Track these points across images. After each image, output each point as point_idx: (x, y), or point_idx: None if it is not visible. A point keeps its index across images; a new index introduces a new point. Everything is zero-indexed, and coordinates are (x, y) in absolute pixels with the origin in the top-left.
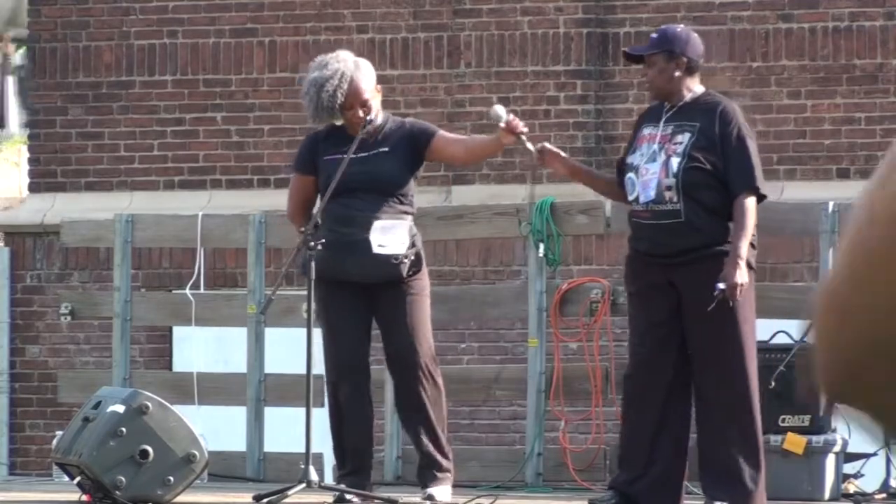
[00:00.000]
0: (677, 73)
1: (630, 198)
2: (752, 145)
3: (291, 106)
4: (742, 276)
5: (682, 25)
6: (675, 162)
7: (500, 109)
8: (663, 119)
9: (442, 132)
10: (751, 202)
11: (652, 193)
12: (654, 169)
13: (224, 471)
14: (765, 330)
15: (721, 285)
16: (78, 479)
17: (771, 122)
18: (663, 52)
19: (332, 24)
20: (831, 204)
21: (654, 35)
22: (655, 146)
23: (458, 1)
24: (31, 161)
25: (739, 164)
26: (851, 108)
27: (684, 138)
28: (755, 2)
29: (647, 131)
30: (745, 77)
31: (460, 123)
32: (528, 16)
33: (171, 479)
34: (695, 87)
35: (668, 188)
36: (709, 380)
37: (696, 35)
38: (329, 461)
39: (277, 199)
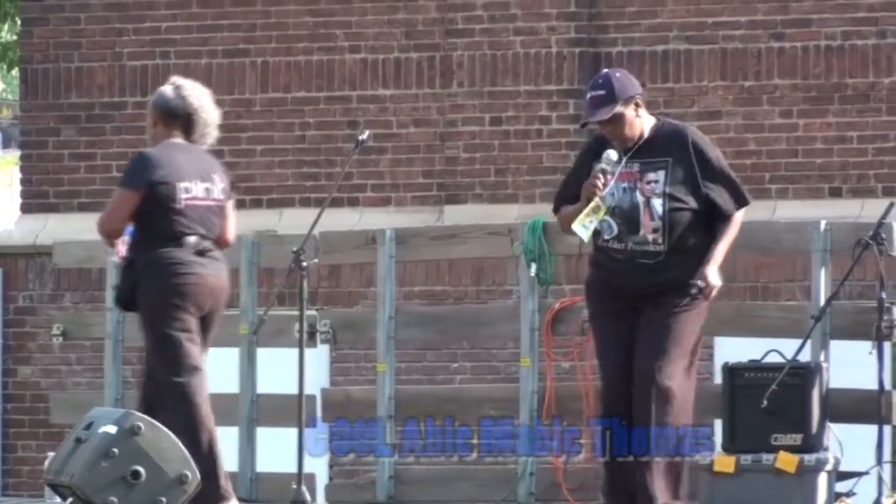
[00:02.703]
0: (639, 116)
1: (607, 237)
2: (725, 161)
3: (284, 126)
4: (718, 278)
5: (606, 70)
6: (657, 203)
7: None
8: (625, 156)
9: None
10: (742, 214)
11: (640, 240)
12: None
13: None
14: (757, 349)
15: (700, 283)
16: (70, 499)
17: (763, 142)
18: (621, 103)
19: (325, 45)
20: (823, 223)
21: (600, 93)
22: (625, 185)
23: (451, 21)
24: (23, 182)
25: (729, 186)
26: (843, 127)
27: (658, 176)
28: (747, 21)
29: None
30: (737, 96)
31: (452, 143)
32: (521, 35)
33: (164, 499)
34: (646, 118)
35: (654, 230)
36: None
37: (622, 70)
38: (321, 481)
39: (270, 220)
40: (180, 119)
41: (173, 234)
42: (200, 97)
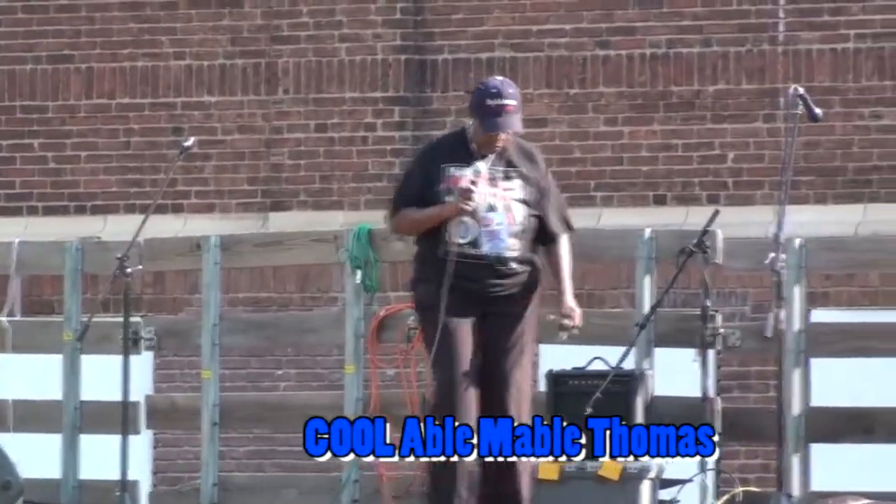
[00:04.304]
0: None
1: (462, 240)
2: None
3: (108, 132)
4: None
5: (500, 77)
6: (516, 210)
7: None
8: (483, 162)
9: None
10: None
11: (502, 245)
12: (498, 220)
13: (40, 498)
14: (582, 356)
15: (569, 322)
16: None
17: (588, 149)
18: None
19: (150, 51)
20: (648, 230)
21: (514, 102)
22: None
23: (276, 28)
24: None
25: (561, 205)
26: (668, 135)
27: (514, 184)
28: (573, 28)
29: (457, 172)
30: (562, 104)
31: (278, 150)
32: (346, 42)
33: None
34: None
35: (514, 235)
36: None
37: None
38: (145, 488)
39: (94, 226)
40: None
41: None
42: None
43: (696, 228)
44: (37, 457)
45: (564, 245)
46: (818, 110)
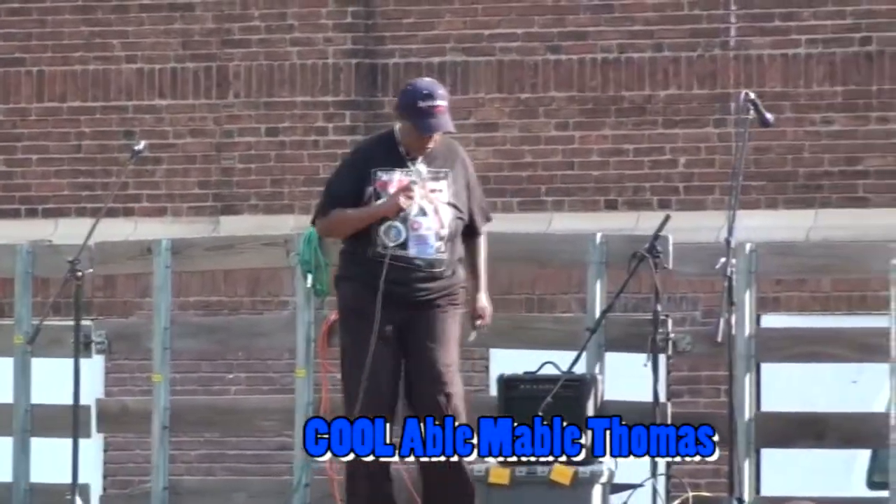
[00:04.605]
0: None
1: (392, 243)
2: None
3: (59, 136)
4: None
5: (428, 78)
6: (444, 213)
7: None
8: (411, 164)
9: None
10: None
11: (431, 250)
12: (427, 224)
13: None
14: (532, 360)
15: (482, 321)
16: None
17: (539, 154)
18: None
19: (101, 54)
20: (599, 235)
21: (445, 103)
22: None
23: (228, 31)
24: None
25: (481, 198)
26: (620, 140)
27: (441, 185)
28: (524, 33)
29: (385, 176)
30: (513, 108)
31: (228, 154)
32: (298, 46)
33: None
34: None
35: (440, 238)
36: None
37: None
38: (96, 492)
39: (45, 229)
40: None
41: None
42: None
43: (648, 233)
44: None
45: (482, 241)
46: (769, 115)
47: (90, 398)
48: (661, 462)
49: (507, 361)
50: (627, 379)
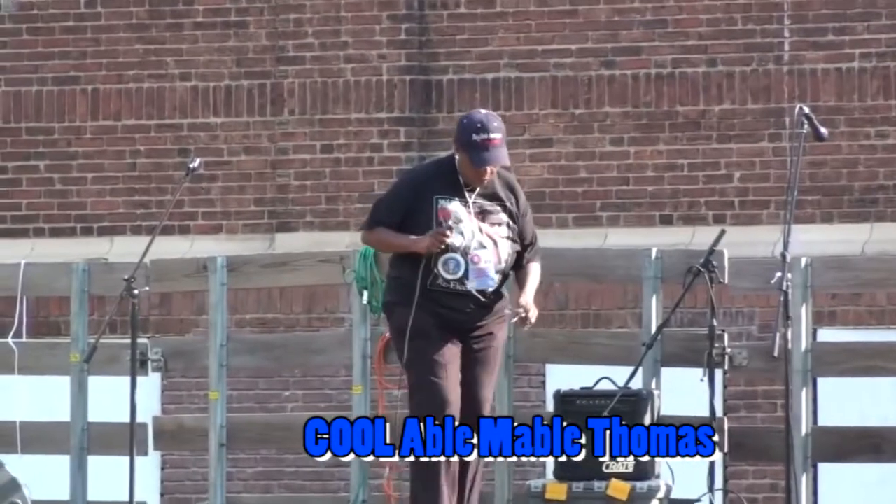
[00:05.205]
0: None
1: (451, 276)
2: None
3: (114, 154)
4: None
5: (484, 110)
6: (504, 248)
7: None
8: (469, 195)
9: None
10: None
11: (490, 282)
12: (486, 257)
13: None
14: (589, 376)
15: (519, 310)
16: None
17: (594, 169)
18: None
19: (156, 72)
20: (654, 250)
21: (500, 136)
22: (476, 226)
23: (282, 48)
24: None
25: (533, 232)
26: (674, 155)
27: (500, 219)
28: (578, 49)
29: (448, 205)
30: (568, 124)
31: (283, 171)
32: (352, 63)
33: None
34: None
35: (498, 272)
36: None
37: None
38: None
39: (101, 247)
40: None
41: None
42: None
43: (703, 248)
44: (45, 478)
45: (535, 270)
46: (824, 129)
47: (147, 416)
48: (719, 477)
49: (564, 377)
50: (684, 394)
